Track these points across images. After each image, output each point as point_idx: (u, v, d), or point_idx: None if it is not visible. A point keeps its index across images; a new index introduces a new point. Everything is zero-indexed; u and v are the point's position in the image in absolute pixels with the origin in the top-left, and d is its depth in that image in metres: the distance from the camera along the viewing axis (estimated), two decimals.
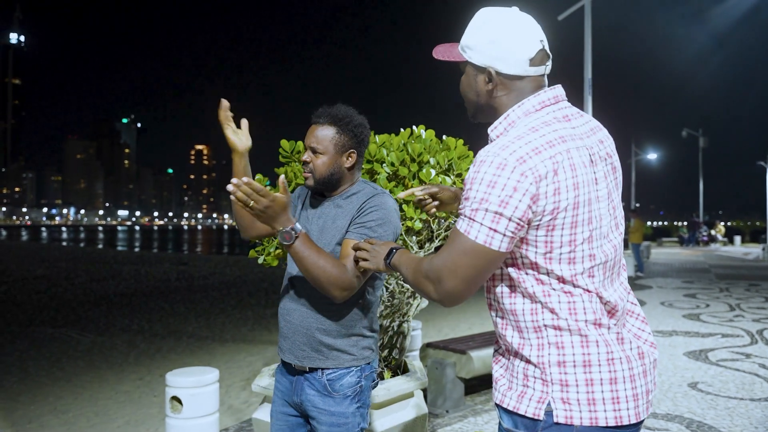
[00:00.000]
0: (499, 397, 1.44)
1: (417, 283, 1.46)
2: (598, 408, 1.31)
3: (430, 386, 4.44)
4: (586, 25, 11.74)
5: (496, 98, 1.44)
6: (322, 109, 1.98)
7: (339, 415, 1.92)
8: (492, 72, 1.41)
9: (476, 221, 1.29)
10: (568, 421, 1.30)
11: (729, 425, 4.08)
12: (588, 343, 1.33)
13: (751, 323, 8.15)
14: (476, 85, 1.46)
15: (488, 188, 1.27)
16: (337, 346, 1.94)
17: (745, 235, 39.73)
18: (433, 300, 1.43)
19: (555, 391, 1.32)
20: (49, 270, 19.53)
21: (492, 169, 1.28)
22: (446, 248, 1.36)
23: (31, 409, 5.13)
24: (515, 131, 1.36)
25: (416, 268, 1.47)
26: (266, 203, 1.68)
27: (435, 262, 1.38)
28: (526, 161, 1.27)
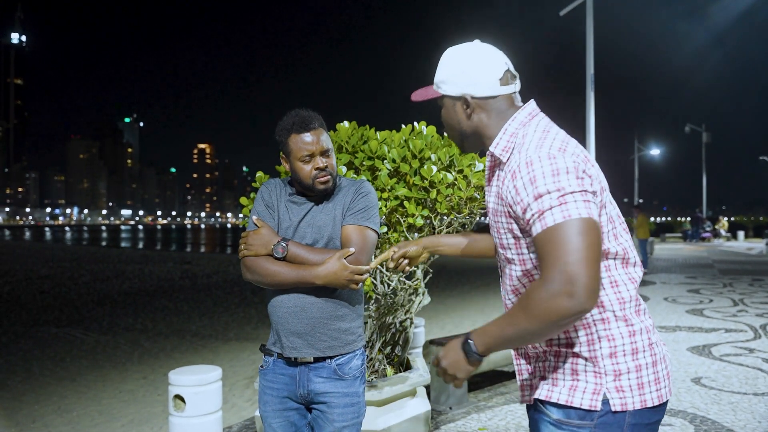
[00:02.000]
0: (542, 394, 1.46)
1: (546, 316, 1.25)
2: (646, 390, 1.40)
3: (433, 383, 4.44)
4: (588, 20, 11.71)
5: (477, 121, 1.54)
6: (300, 119, 2.01)
7: (352, 395, 2.04)
8: (467, 98, 1.52)
9: (568, 203, 1.29)
10: (623, 408, 1.38)
11: (732, 420, 4.07)
12: (634, 332, 1.42)
13: (755, 318, 8.13)
14: (456, 114, 1.56)
15: (555, 177, 1.32)
16: (351, 330, 2.05)
17: (749, 230, 39.61)
18: (574, 315, 1.24)
19: (609, 382, 1.39)
20: (52, 270, 19.58)
21: (545, 162, 1.34)
22: (554, 249, 1.26)
23: (35, 408, 5.15)
24: (527, 140, 1.43)
25: (529, 309, 1.28)
26: (255, 239, 1.98)
27: (558, 269, 1.24)
28: (565, 149, 1.37)
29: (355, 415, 2.03)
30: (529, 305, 1.28)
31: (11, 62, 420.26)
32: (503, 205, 1.45)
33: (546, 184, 1.31)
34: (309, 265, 1.93)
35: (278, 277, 1.94)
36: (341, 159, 3.09)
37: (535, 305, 1.26)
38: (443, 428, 3.99)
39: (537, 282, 1.28)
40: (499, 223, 1.49)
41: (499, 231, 1.50)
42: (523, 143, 1.42)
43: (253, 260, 1.97)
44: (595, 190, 1.37)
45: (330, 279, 1.90)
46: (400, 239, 3.27)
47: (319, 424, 2.03)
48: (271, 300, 2.05)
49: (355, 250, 1.95)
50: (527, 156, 1.37)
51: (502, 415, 4.23)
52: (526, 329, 1.30)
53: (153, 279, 16.44)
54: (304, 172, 2.00)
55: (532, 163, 1.35)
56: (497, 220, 1.50)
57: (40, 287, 14.42)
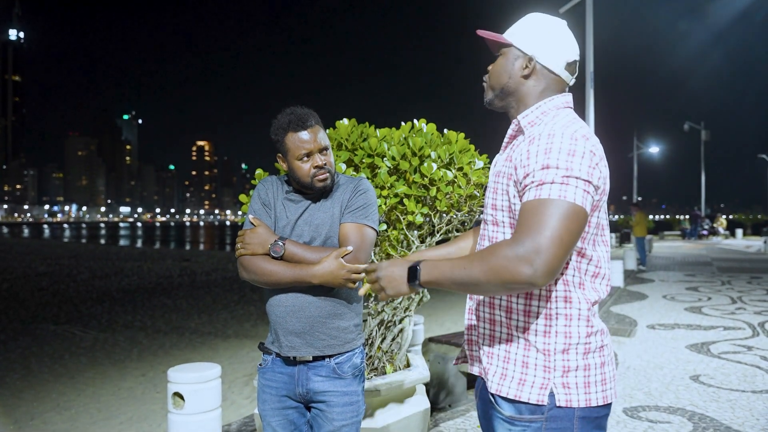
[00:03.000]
0: (493, 387, 1.47)
1: (499, 273, 1.27)
2: (592, 390, 1.41)
3: (432, 381, 4.44)
4: (588, 18, 11.69)
5: (526, 85, 1.55)
6: (296, 117, 2.00)
7: (351, 394, 2.03)
8: (535, 59, 1.53)
9: (569, 185, 1.31)
10: (568, 404, 1.40)
11: (731, 417, 4.08)
12: (591, 333, 1.43)
13: (753, 316, 8.14)
14: (512, 68, 1.56)
15: (569, 156, 1.33)
16: (350, 329, 2.04)
17: (747, 228, 39.65)
18: (525, 284, 1.26)
19: (556, 377, 1.41)
20: (51, 267, 19.57)
21: (566, 140, 1.35)
22: (537, 219, 1.27)
23: (34, 405, 5.15)
24: (557, 120, 1.45)
25: (487, 260, 1.29)
26: (251, 236, 1.97)
27: (532, 236, 1.26)
28: (589, 139, 1.39)
29: (354, 413, 2.03)
30: (489, 258, 1.30)
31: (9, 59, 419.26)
32: (510, 167, 1.45)
33: (558, 159, 1.33)
34: (306, 264, 1.92)
35: (275, 276, 1.93)
36: (341, 156, 3.08)
37: (495, 260, 1.28)
38: (442, 426, 4.00)
39: (506, 240, 1.31)
40: (498, 184, 1.50)
41: (495, 192, 1.51)
42: (551, 121, 1.45)
43: (250, 259, 1.96)
44: (599, 186, 1.38)
45: (327, 278, 1.89)
46: (400, 237, 3.27)
47: (318, 423, 2.03)
48: (269, 299, 2.04)
49: (353, 248, 1.94)
50: (552, 128, 1.40)
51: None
52: (475, 278, 1.32)
53: (152, 276, 16.43)
54: (302, 171, 1.98)
55: (554, 135, 1.37)
56: (497, 181, 1.51)
57: (39, 284, 14.41)
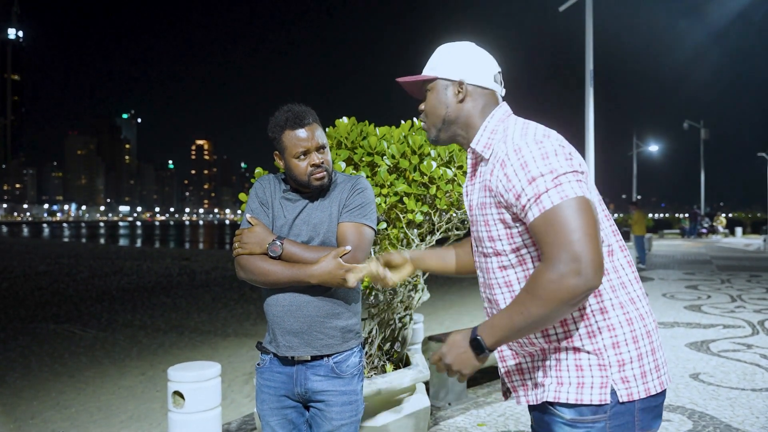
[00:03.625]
0: (550, 395, 1.44)
1: (556, 297, 1.26)
2: (648, 378, 1.41)
3: (432, 379, 4.44)
4: (587, 16, 11.68)
5: (465, 109, 1.57)
6: (293, 115, 1.98)
7: (350, 394, 2.02)
8: (463, 82, 1.56)
9: (563, 183, 1.32)
10: (630, 398, 1.39)
11: (730, 415, 4.08)
12: (632, 320, 1.42)
13: (753, 314, 8.15)
14: (446, 98, 1.58)
15: (545, 159, 1.35)
16: (348, 328, 2.03)
17: (747, 227, 39.70)
18: (585, 292, 1.26)
19: (614, 373, 1.40)
20: (51, 266, 19.56)
21: (533, 148, 1.37)
22: (555, 231, 1.27)
23: (34, 404, 5.15)
24: (509, 133, 1.46)
25: (538, 293, 1.28)
26: (248, 236, 1.96)
27: (563, 250, 1.26)
28: (549, 136, 1.40)
29: (353, 413, 2.02)
30: (537, 289, 1.28)
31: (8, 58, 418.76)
32: (492, 196, 1.45)
33: (538, 167, 1.34)
34: (304, 263, 1.91)
35: (273, 276, 1.92)
36: (340, 155, 3.08)
37: (544, 288, 1.27)
38: (442, 424, 4.00)
39: (542, 266, 1.30)
40: (487, 216, 1.48)
41: (487, 224, 1.49)
42: (506, 136, 1.46)
43: (247, 259, 1.95)
44: (584, 171, 1.40)
45: (325, 278, 1.88)
46: (400, 235, 3.26)
47: (317, 423, 2.02)
48: (267, 298, 2.03)
49: (352, 248, 1.93)
50: (514, 144, 1.40)
51: (501, 410, 4.24)
52: (536, 315, 1.30)
53: (151, 275, 16.42)
54: (299, 169, 1.97)
55: (520, 149, 1.38)
56: (485, 213, 1.49)
57: (39, 283, 14.40)
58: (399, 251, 1.90)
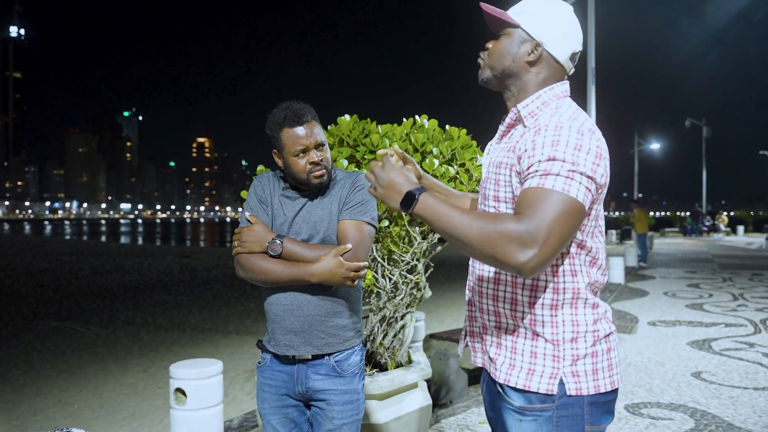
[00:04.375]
0: (501, 376, 1.47)
1: (493, 245, 1.24)
2: (600, 376, 1.42)
3: (434, 377, 4.45)
4: (590, 14, 11.66)
5: (529, 72, 1.50)
6: (292, 112, 1.95)
7: (351, 393, 2.01)
8: (541, 46, 1.48)
9: (574, 180, 1.29)
10: (578, 392, 1.40)
11: (732, 414, 4.08)
12: (597, 320, 1.44)
13: (755, 313, 8.14)
14: (517, 52, 1.50)
15: (576, 151, 1.31)
16: (349, 326, 2.02)
17: (748, 225, 39.65)
18: (512, 268, 1.24)
19: (566, 366, 1.41)
20: (52, 263, 19.58)
21: (574, 134, 1.33)
22: (541, 208, 1.25)
23: (36, 401, 5.16)
24: (561, 111, 1.42)
25: (487, 227, 1.25)
26: (248, 235, 1.94)
27: (534, 222, 1.23)
28: (594, 133, 1.37)
29: (354, 412, 2.01)
30: (489, 225, 1.25)
31: (10, 56, 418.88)
32: (512, 157, 1.42)
33: (565, 153, 1.31)
34: (304, 262, 1.90)
35: (272, 275, 1.90)
36: (342, 152, 3.07)
37: (495, 230, 1.24)
38: (444, 422, 4.00)
39: (511, 216, 1.27)
40: (500, 176, 1.46)
41: (497, 183, 1.47)
42: (555, 113, 1.42)
43: (247, 258, 1.94)
44: (601, 184, 1.37)
45: (325, 277, 1.87)
46: (402, 233, 3.26)
47: (318, 421, 2.01)
48: (268, 297, 2.02)
49: (353, 246, 1.91)
50: (559, 120, 1.37)
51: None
52: (468, 238, 1.27)
53: (152, 273, 16.44)
54: (298, 167, 1.95)
55: (561, 128, 1.35)
56: (498, 172, 1.47)
57: (40, 281, 14.42)
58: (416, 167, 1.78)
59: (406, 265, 3.33)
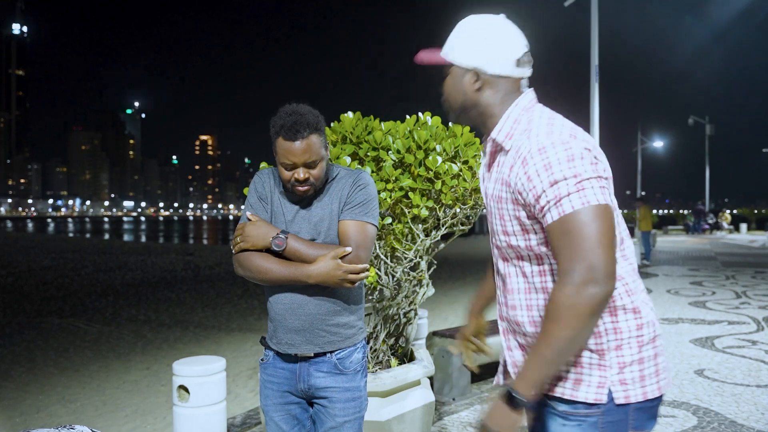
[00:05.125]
0: (547, 387, 1.43)
1: (578, 314, 1.24)
2: (647, 383, 1.39)
3: (437, 374, 4.45)
4: (593, 11, 11.63)
5: (483, 97, 1.49)
6: (290, 123, 1.87)
7: (354, 390, 2.00)
8: (479, 72, 1.47)
9: (585, 189, 1.29)
10: (626, 400, 1.38)
11: (735, 411, 4.07)
12: (642, 325, 1.41)
13: (757, 310, 8.12)
14: (463, 85, 1.50)
15: (570, 163, 1.31)
16: (350, 324, 2.01)
17: (751, 223, 39.55)
18: (603, 301, 1.25)
19: (613, 375, 1.38)
20: (55, 261, 19.62)
21: (559, 148, 1.32)
22: (571, 238, 1.26)
23: (39, 398, 5.17)
24: (533, 125, 1.40)
25: (558, 315, 1.26)
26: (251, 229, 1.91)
27: (577, 260, 1.24)
28: (576, 136, 1.36)
29: (356, 409, 2.00)
30: (556, 311, 1.27)
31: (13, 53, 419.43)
32: (510, 192, 1.41)
33: (562, 170, 1.30)
34: (302, 263, 1.88)
35: (270, 274, 1.89)
36: (345, 149, 3.07)
37: (563, 305, 1.26)
38: (446, 419, 4.00)
39: (557, 283, 1.28)
40: (503, 210, 1.45)
41: (503, 218, 1.47)
42: (530, 129, 1.40)
43: (246, 256, 1.92)
44: (607, 177, 1.37)
45: (323, 278, 1.85)
46: (405, 230, 3.26)
47: (321, 419, 2.01)
48: (270, 296, 2.01)
49: (353, 247, 1.89)
50: (539, 142, 1.35)
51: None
52: (564, 338, 1.27)
53: (156, 270, 16.46)
54: (284, 176, 1.92)
55: (545, 149, 1.33)
56: (501, 207, 1.46)
57: (43, 278, 14.45)
58: (469, 327, 1.93)
59: (409, 262, 3.33)
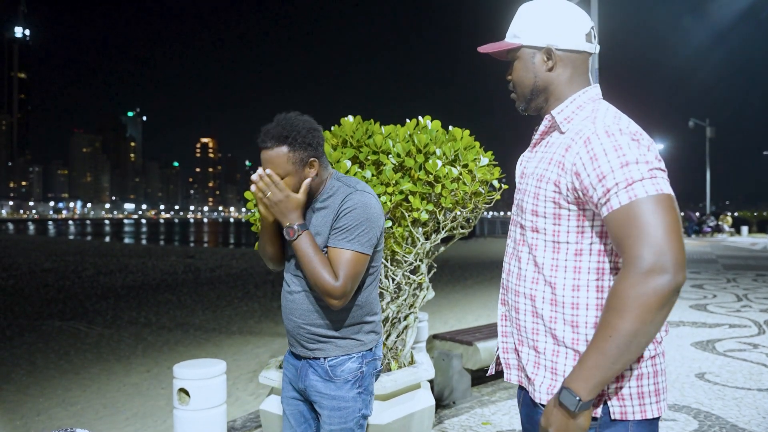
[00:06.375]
0: (543, 397, 1.39)
1: (646, 305, 1.15)
2: (646, 401, 1.34)
3: (437, 378, 4.44)
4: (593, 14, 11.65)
5: (556, 77, 1.46)
6: (263, 129, 1.87)
7: (339, 399, 1.96)
8: (552, 49, 1.44)
9: (657, 177, 1.24)
10: (623, 417, 1.33)
11: (736, 415, 4.07)
12: None
13: (759, 313, 8.11)
14: (534, 66, 1.47)
15: (639, 149, 1.27)
16: (344, 335, 1.98)
17: (752, 226, 39.53)
18: (673, 292, 1.16)
19: (610, 387, 1.33)
20: (56, 263, 19.63)
21: (627, 136, 1.29)
22: (642, 223, 1.18)
23: (40, 401, 5.17)
24: (600, 113, 1.37)
25: (623, 305, 1.17)
26: (281, 197, 1.84)
27: (648, 245, 1.17)
28: (643, 133, 1.33)
29: (342, 420, 1.96)
30: (620, 301, 1.18)
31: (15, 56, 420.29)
32: (556, 172, 1.36)
33: (635, 155, 1.25)
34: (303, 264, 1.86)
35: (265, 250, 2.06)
36: (345, 153, 3.07)
37: (628, 295, 1.17)
38: (447, 423, 4.00)
39: (622, 271, 1.21)
40: (540, 189, 1.39)
41: (537, 197, 1.40)
42: (595, 117, 1.36)
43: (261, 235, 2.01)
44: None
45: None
46: (405, 234, 3.26)
47: (319, 422, 2.04)
48: None
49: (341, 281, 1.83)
50: (606, 125, 1.31)
51: (505, 409, 4.24)
52: (628, 331, 1.17)
53: (156, 273, 16.47)
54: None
55: (613, 133, 1.29)
56: (539, 186, 1.40)
57: (44, 281, 14.46)
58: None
59: (409, 265, 3.33)
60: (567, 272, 1.37)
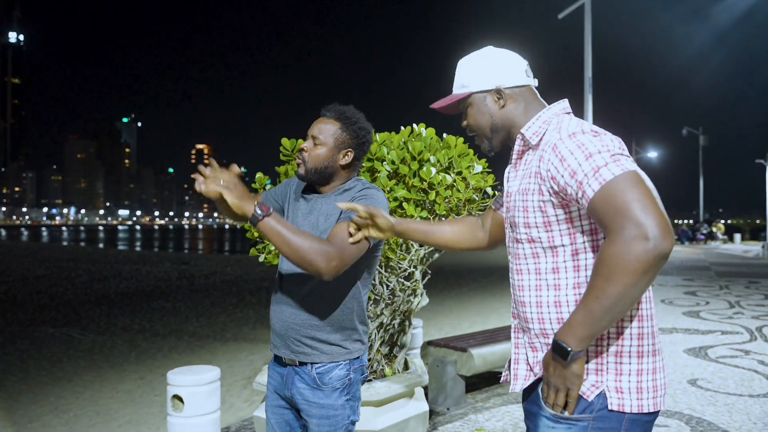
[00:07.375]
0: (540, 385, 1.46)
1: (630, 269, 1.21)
2: (644, 396, 1.40)
3: (431, 384, 4.45)
4: (586, 24, 11.74)
5: (512, 110, 1.59)
6: (333, 104, 2.03)
7: (328, 408, 1.94)
8: (500, 88, 1.58)
9: (620, 160, 1.33)
10: (620, 408, 1.39)
11: (728, 421, 4.09)
12: (643, 335, 1.42)
13: (751, 320, 8.16)
14: (488, 108, 1.60)
15: (601, 142, 1.36)
16: (330, 341, 1.96)
17: (745, 233, 39.76)
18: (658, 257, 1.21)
19: (609, 380, 1.40)
20: (49, 270, 19.54)
21: (588, 135, 1.39)
22: (617, 201, 1.26)
23: (32, 408, 5.14)
24: (564, 123, 1.47)
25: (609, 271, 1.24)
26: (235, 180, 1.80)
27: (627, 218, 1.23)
28: (606, 132, 1.43)
29: (331, 428, 1.95)
30: (605, 266, 1.24)
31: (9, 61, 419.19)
32: (536, 183, 1.45)
33: (596, 146, 1.35)
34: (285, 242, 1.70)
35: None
36: None
37: (612, 261, 1.23)
38: (441, 429, 4.00)
39: (606, 240, 1.28)
40: (527, 202, 1.48)
41: (525, 210, 1.48)
42: (560, 127, 1.46)
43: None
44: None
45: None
46: (399, 240, 3.28)
47: (304, 430, 2.04)
48: None
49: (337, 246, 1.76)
50: (568, 131, 1.42)
51: (499, 415, 4.25)
52: (613, 294, 1.24)
53: (150, 279, 16.41)
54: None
55: (575, 135, 1.40)
56: (525, 199, 1.49)
57: (37, 287, 14.39)
58: (385, 217, 1.79)
59: (403, 272, 3.35)
60: (568, 272, 1.45)
